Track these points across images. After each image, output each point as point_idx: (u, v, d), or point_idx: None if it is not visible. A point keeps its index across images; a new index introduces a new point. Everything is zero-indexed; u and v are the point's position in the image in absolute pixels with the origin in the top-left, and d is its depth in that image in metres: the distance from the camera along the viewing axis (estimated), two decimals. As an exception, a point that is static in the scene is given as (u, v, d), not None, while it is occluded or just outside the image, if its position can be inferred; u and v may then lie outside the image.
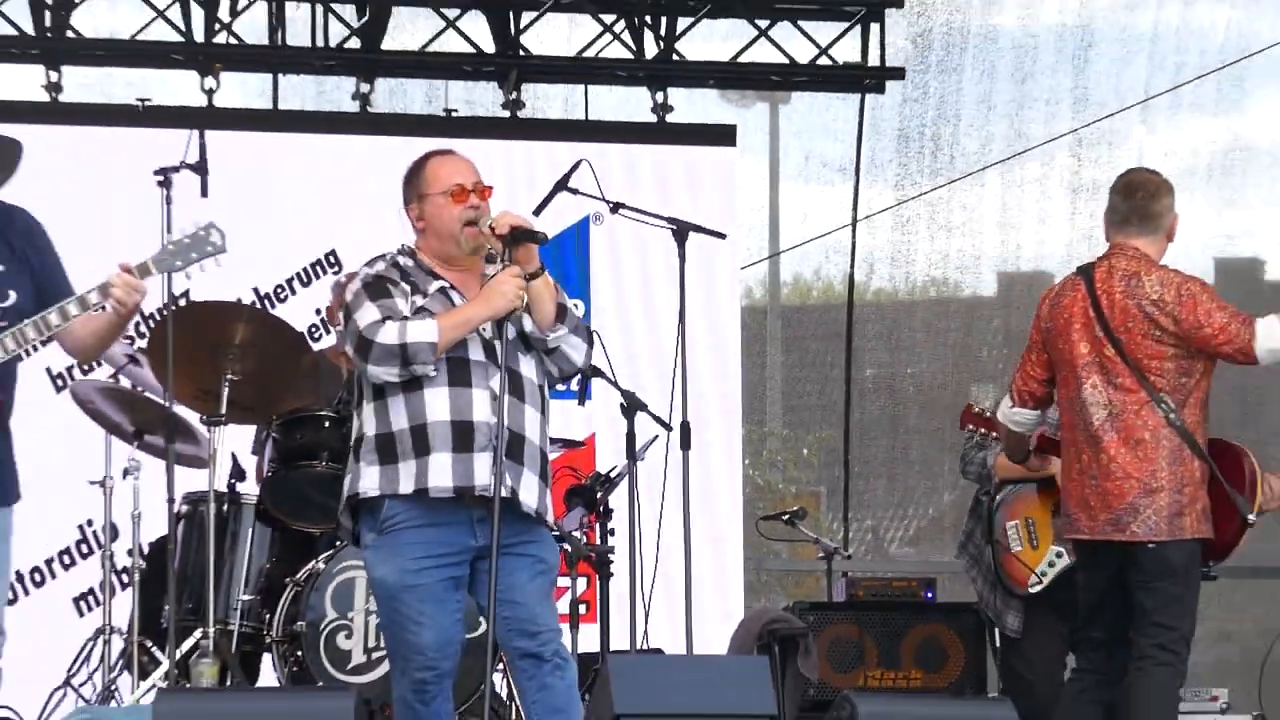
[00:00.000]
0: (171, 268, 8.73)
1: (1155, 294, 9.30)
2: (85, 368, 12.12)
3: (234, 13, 14.11)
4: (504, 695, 10.58)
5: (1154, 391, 9.29)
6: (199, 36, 14.05)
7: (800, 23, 14.55)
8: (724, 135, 14.64)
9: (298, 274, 13.82)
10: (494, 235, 8.68)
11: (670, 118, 14.49)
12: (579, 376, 9.43)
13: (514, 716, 10.17)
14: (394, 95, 14.59)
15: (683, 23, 14.44)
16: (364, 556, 8.88)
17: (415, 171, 8.90)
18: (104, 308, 8.52)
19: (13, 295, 8.56)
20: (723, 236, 11.17)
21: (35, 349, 8.83)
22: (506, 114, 14.29)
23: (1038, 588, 10.67)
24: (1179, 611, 9.33)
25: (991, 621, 11.13)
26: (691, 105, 14.66)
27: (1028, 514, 10.80)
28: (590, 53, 14.52)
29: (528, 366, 8.75)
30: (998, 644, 11.25)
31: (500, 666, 9.74)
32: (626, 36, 14.45)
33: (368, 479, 8.65)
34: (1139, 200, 9.62)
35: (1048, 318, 9.63)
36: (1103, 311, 9.40)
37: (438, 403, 8.63)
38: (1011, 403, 9.81)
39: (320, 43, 14.25)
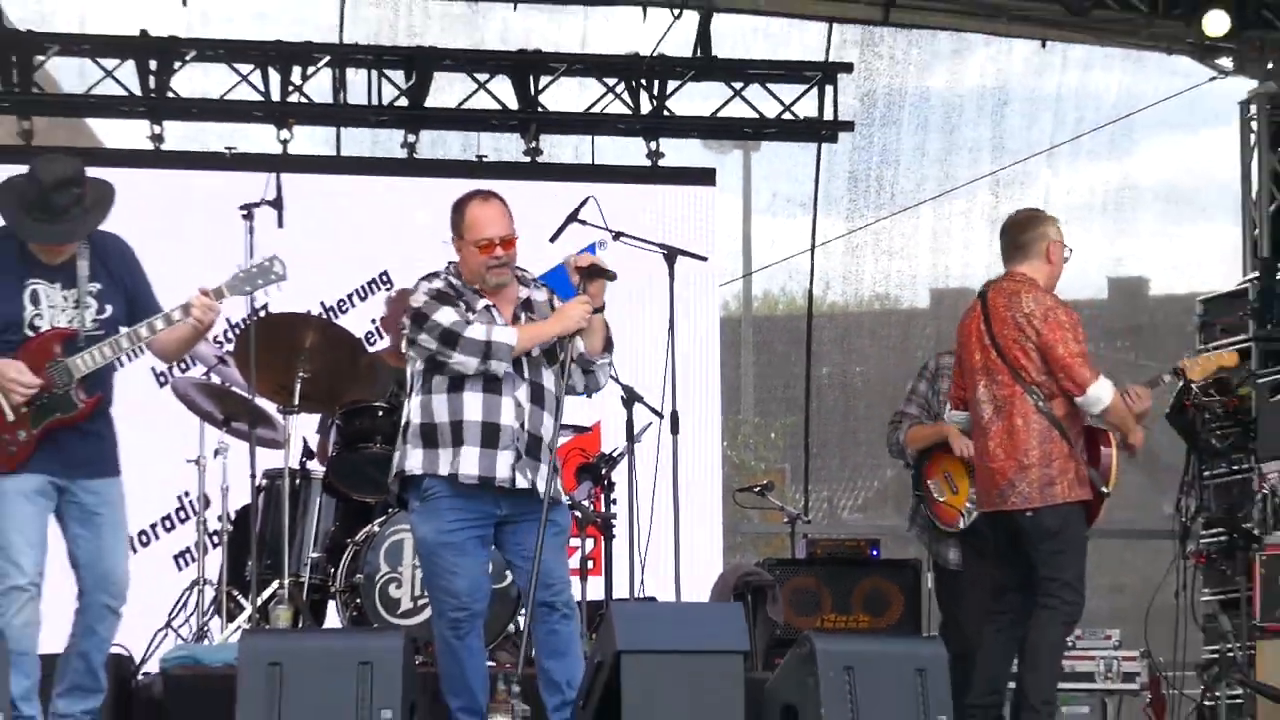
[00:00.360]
0: (241, 291, 8.83)
1: (1028, 309, 9.45)
2: (183, 366, 12.14)
3: (304, 77, 14.14)
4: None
5: (1026, 385, 9.41)
6: (275, 96, 14.09)
7: (768, 85, 14.57)
8: (705, 177, 14.67)
9: (356, 290, 13.85)
10: (574, 269, 8.80)
11: (661, 162, 14.52)
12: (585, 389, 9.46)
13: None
14: (435, 144, 14.63)
15: (672, 85, 14.47)
16: (410, 519, 8.95)
17: (458, 210, 8.98)
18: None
19: (109, 309, 8.63)
20: (704, 259, 11.15)
21: (130, 357, 8.89)
22: (527, 159, 14.34)
23: (965, 522, 10.68)
24: (1061, 563, 9.39)
25: (939, 569, 11.13)
26: (679, 152, 14.70)
27: (944, 469, 10.86)
28: (596, 109, 14.55)
29: (549, 379, 8.87)
30: (938, 590, 11.24)
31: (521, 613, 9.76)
32: (626, 96, 14.47)
33: (413, 460, 8.76)
34: (1013, 234, 9.80)
35: (959, 335, 9.77)
36: (990, 323, 9.51)
37: (472, 404, 8.74)
38: (950, 407, 9.95)
39: (375, 101, 14.31)
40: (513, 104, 14.40)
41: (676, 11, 14.29)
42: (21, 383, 8.46)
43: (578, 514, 10.96)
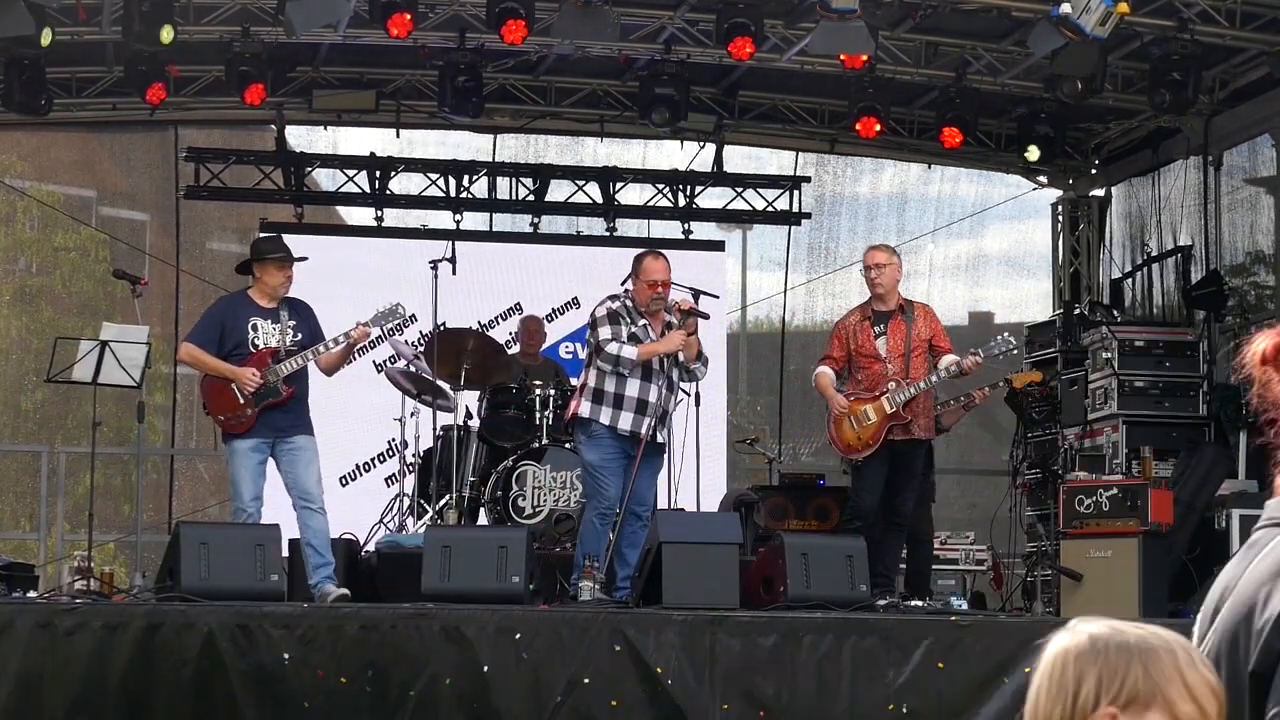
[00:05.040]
0: (380, 324, 9.10)
1: None
2: (391, 360, 11.98)
3: (470, 182, 14.05)
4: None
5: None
6: (452, 193, 13.98)
7: (758, 189, 14.43)
8: (718, 246, 14.48)
9: (500, 313, 13.69)
10: (678, 309, 8.87)
11: (691, 237, 14.34)
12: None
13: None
14: (550, 224, 14.47)
15: (698, 189, 14.32)
16: (583, 444, 8.96)
17: (639, 260, 9.29)
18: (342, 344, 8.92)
19: (300, 336, 8.92)
20: (717, 297, 11.05)
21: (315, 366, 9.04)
22: (608, 234, 14.14)
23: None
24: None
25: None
26: (702, 231, 14.53)
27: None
28: (651, 204, 14.40)
29: (675, 376, 8.90)
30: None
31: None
32: (669, 195, 14.34)
33: (588, 408, 8.86)
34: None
35: None
36: None
37: (633, 386, 8.80)
38: None
39: (513, 197, 14.18)
40: (599, 200, 14.23)
41: (701, 144, 14.13)
42: (250, 380, 8.69)
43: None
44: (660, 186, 14.33)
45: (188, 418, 14.97)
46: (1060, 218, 14.69)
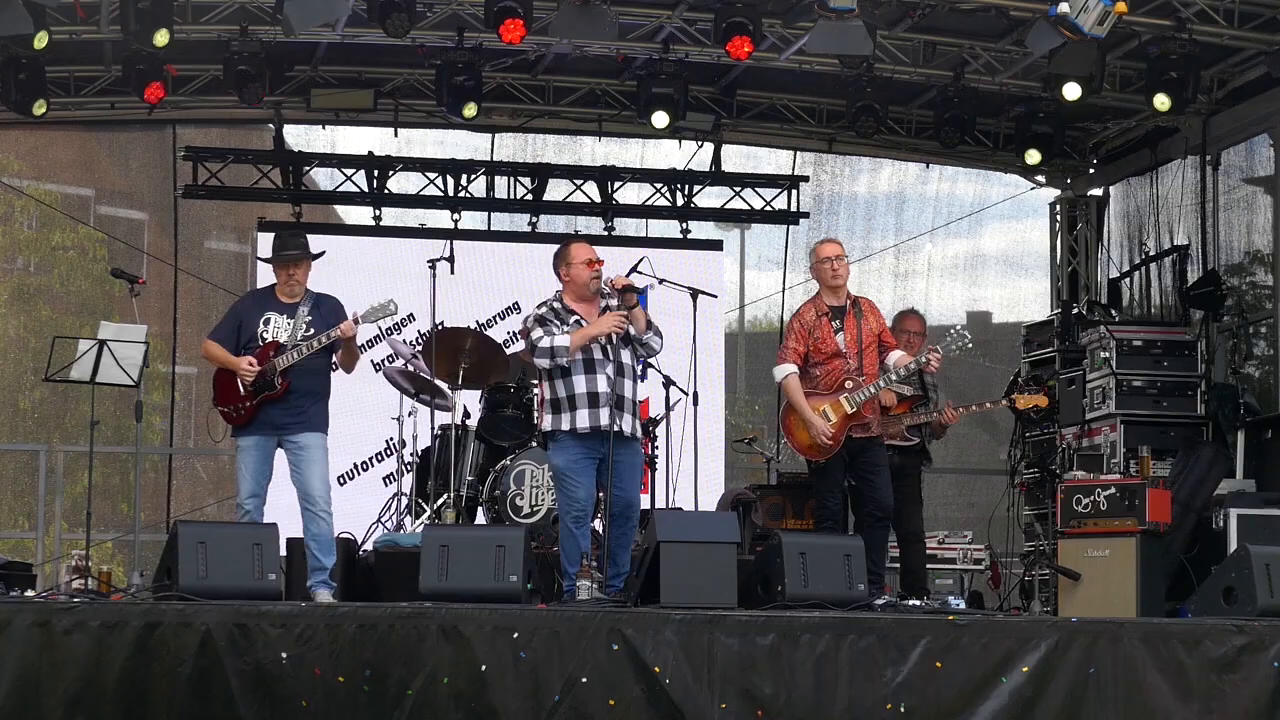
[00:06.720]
0: (370, 320, 9.07)
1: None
2: (389, 360, 11.96)
3: (468, 181, 14.05)
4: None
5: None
6: (450, 193, 13.98)
7: (756, 188, 14.43)
8: (716, 245, 14.47)
9: (499, 312, 13.74)
10: (613, 288, 8.80)
11: (689, 236, 14.33)
12: (642, 365, 9.28)
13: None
14: (549, 223, 14.47)
15: (696, 188, 14.31)
16: (550, 452, 8.95)
17: (563, 250, 9.09)
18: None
19: (312, 331, 8.93)
20: (715, 297, 11.09)
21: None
22: (606, 234, 14.12)
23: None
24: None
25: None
26: (700, 230, 14.51)
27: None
28: (649, 203, 14.39)
29: (627, 356, 8.83)
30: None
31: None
32: (667, 195, 14.33)
33: (550, 421, 8.79)
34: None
35: None
36: None
37: (579, 382, 8.70)
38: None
39: (511, 196, 14.18)
40: (598, 199, 14.22)
41: (700, 143, 14.14)
42: (249, 370, 8.78)
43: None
44: (658, 186, 14.33)
45: (186, 417, 14.95)
46: (1058, 217, 14.68)
